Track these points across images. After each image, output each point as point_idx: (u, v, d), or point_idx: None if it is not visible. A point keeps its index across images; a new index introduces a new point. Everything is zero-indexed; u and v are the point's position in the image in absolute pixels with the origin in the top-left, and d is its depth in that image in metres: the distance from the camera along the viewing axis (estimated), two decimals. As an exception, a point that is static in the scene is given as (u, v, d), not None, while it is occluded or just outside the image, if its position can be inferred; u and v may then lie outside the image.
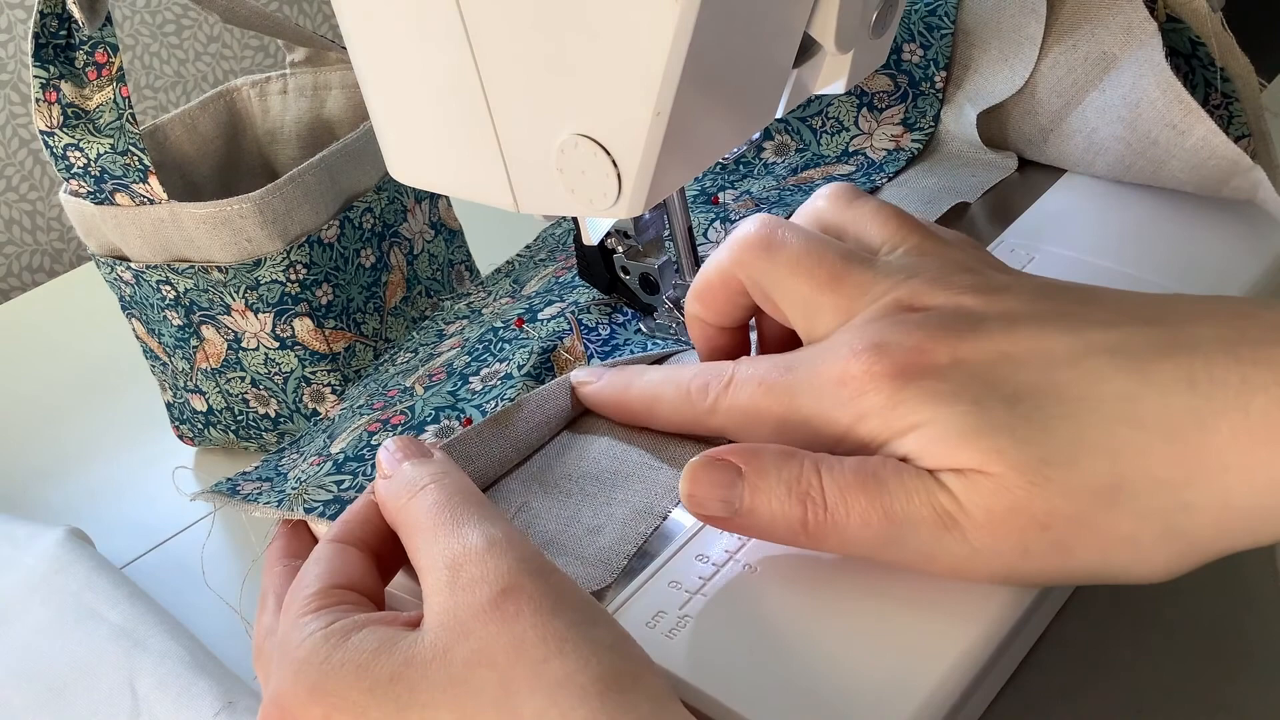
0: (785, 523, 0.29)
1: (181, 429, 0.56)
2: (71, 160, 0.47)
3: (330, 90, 0.59)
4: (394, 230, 0.54)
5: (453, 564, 0.28)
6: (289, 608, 0.30)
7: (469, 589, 0.27)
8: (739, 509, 0.30)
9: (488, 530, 0.28)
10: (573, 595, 0.27)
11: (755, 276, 0.34)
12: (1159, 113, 0.43)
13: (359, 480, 0.38)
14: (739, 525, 0.30)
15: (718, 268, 0.35)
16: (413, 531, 0.30)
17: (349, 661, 0.27)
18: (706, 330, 0.37)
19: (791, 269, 0.33)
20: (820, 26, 0.32)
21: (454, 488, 0.31)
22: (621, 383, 0.37)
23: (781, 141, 0.55)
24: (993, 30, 0.49)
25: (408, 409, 0.43)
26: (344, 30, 0.34)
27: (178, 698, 0.39)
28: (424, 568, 0.29)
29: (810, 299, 0.32)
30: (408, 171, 0.36)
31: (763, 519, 0.30)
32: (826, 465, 0.29)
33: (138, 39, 0.94)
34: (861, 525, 0.29)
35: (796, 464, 0.30)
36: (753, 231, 0.34)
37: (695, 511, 0.31)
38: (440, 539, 0.29)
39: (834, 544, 0.29)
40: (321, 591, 0.29)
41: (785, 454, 0.30)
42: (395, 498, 0.32)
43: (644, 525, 0.34)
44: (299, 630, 0.28)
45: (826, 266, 0.32)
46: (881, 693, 0.27)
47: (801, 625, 0.30)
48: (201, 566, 0.47)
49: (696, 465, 0.31)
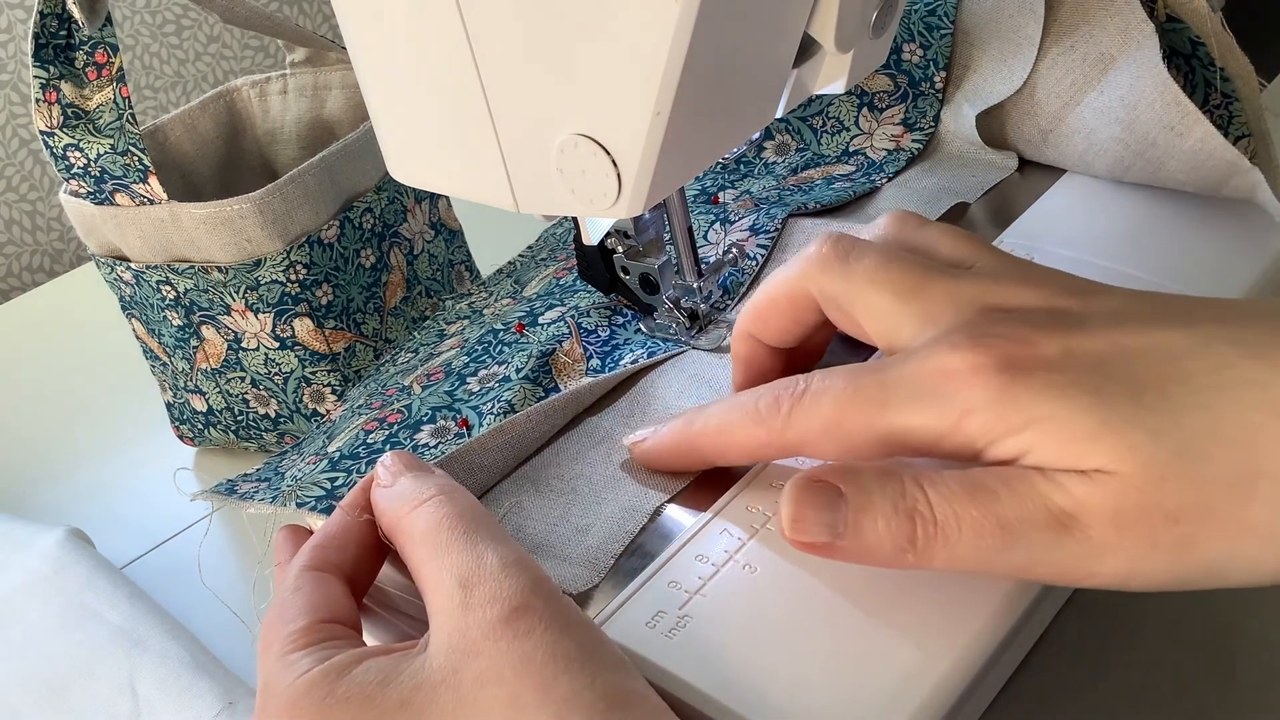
0: (893, 542, 0.28)
1: (181, 429, 0.56)
2: (71, 160, 0.47)
3: (330, 90, 0.59)
4: (394, 230, 0.54)
5: (466, 581, 0.27)
6: (272, 643, 0.29)
7: (482, 608, 0.27)
8: (843, 532, 0.28)
9: (502, 551, 0.28)
10: (579, 617, 0.27)
11: (831, 291, 0.32)
12: (1157, 114, 0.43)
13: (352, 477, 0.39)
14: (842, 550, 0.29)
15: (786, 283, 0.33)
16: (419, 543, 0.30)
17: (354, 695, 0.26)
18: (756, 351, 0.35)
19: (871, 279, 0.31)
20: (820, 26, 0.32)
21: (464, 505, 0.30)
22: (679, 426, 0.35)
23: (782, 141, 0.55)
24: (992, 30, 0.49)
25: (404, 408, 0.43)
26: (344, 30, 0.34)
27: (178, 698, 0.39)
28: (430, 581, 0.28)
29: (892, 309, 0.31)
30: (408, 171, 0.36)
31: (868, 541, 0.28)
32: (929, 480, 0.28)
33: (138, 39, 0.94)
34: (974, 537, 0.27)
35: (898, 481, 0.28)
36: (827, 247, 0.32)
37: (796, 539, 0.29)
38: (452, 554, 0.28)
39: (944, 560, 0.28)
40: (311, 627, 0.29)
41: (885, 471, 0.28)
42: (397, 507, 0.31)
43: (631, 524, 0.34)
44: (291, 668, 0.28)
45: (909, 276, 0.31)
46: (881, 693, 0.27)
47: (802, 625, 0.29)
48: (199, 565, 0.47)
49: (796, 489, 0.29)
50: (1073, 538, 0.26)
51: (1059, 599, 0.34)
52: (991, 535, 0.27)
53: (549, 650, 0.26)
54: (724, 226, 0.50)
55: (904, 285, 0.31)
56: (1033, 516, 0.26)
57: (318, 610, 0.30)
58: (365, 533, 0.33)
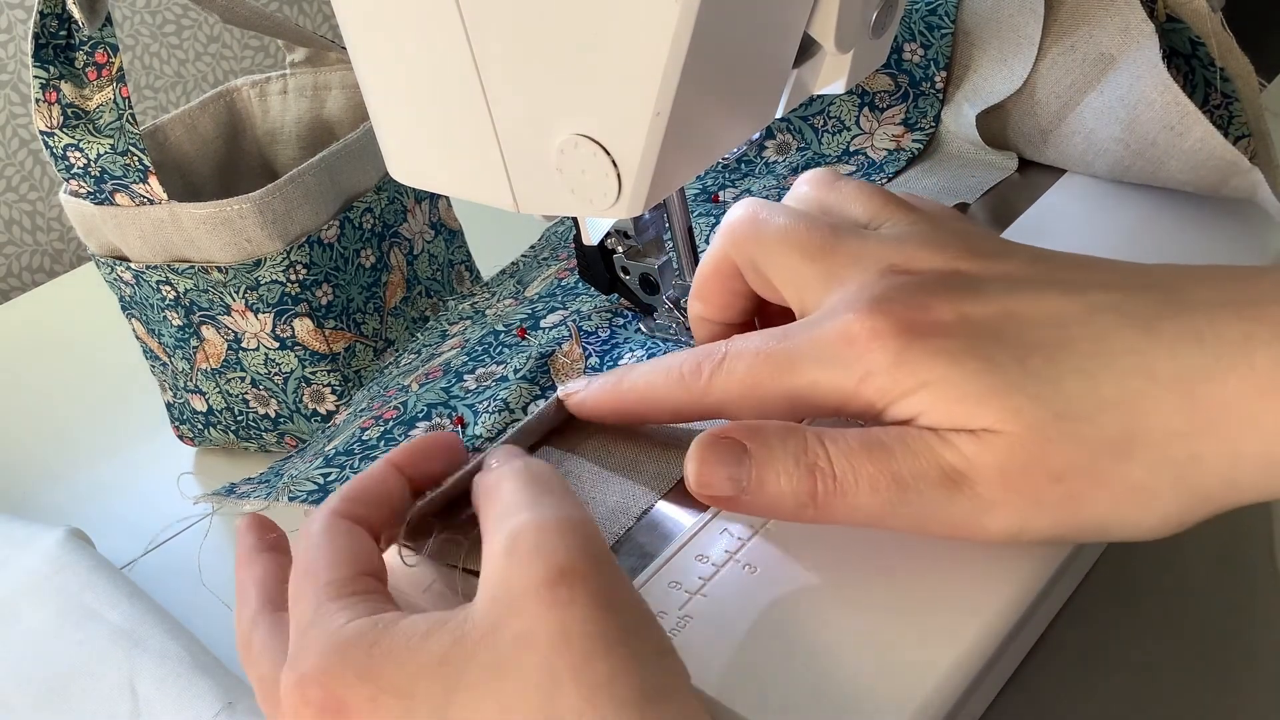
0: (794, 496, 0.29)
1: (181, 429, 0.56)
2: (71, 160, 0.47)
3: (330, 90, 0.59)
4: (394, 230, 0.54)
5: (514, 532, 0.27)
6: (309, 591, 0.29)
7: (524, 560, 0.26)
8: (746, 486, 0.30)
9: (562, 508, 0.28)
10: (627, 593, 0.27)
11: (748, 255, 0.34)
12: (1157, 114, 0.43)
13: (345, 473, 0.39)
14: (746, 504, 0.30)
15: (711, 256, 0.35)
16: (492, 498, 0.30)
17: (398, 646, 0.26)
18: (712, 330, 0.37)
19: (781, 241, 0.33)
20: (820, 26, 0.32)
21: (538, 468, 0.31)
22: (611, 382, 0.37)
23: (783, 140, 0.55)
24: (992, 30, 0.49)
25: (400, 404, 0.43)
26: (344, 30, 0.34)
27: (178, 698, 0.39)
28: (489, 532, 0.28)
29: (801, 270, 0.32)
30: (408, 171, 0.36)
31: (770, 494, 0.30)
32: (830, 437, 0.29)
33: (138, 39, 0.94)
34: (870, 491, 0.28)
35: (800, 437, 0.30)
36: (740, 213, 0.34)
37: (702, 493, 0.31)
38: (513, 507, 0.28)
39: (842, 514, 0.29)
40: (353, 578, 0.29)
41: (788, 428, 0.30)
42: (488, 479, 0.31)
43: (617, 525, 0.34)
44: (334, 615, 0.27)
45: (816, 237, 0.32)
46: (882, 693, 0.27)
47: (801, 625, 0.30)
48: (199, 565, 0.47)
49: (701, 444, 0.30)
50: (963, 494, 0.28)
51: (1059, 598, 0.34)
52: (886, 490, 0.28)
53: (588, 626, 0.25)
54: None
55: (811, 246, 0.32)
56: (926, 473, 0.28)
57: (355, 562, 0.29)
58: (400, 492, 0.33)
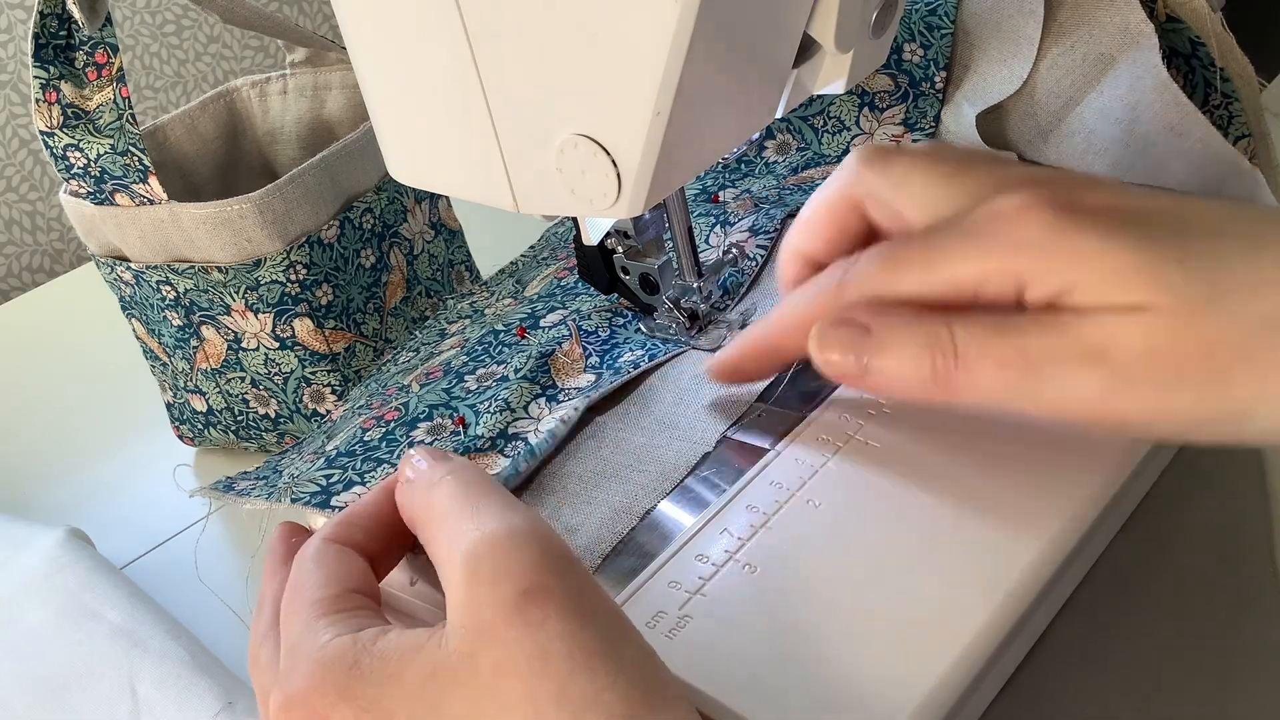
0: (916, 373, 0.29)
1: (181, 429, 0.56)
2: (71, 160, 0.47)
3: (330, 90, 0.59)
4: (394, 230, 0.54)
5: (470, 554, 0.27)
6: (298, 610, 0.29)
7: (489, 583, 0.26)
8: (868, 364, 0.30)
9: (508, 518, 0.27)
10: (600, 601, 0.26)
11: (875, 187, 0.33)
12: (1157, 115, 0.43)
13: (347, 474, 0.38)
14: (871, 382, 0.30)
15: (833, 190, 0.34)
16: (431, 524, 0.29)
17: (378, 668, 0.26)
18: (804, 272, 0.36)
19: (913, 166, 0.32)
20: (820, 26, 0.32)
21: (471, 477, 0.30)
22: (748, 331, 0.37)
23: (783, 140, 0.55)
24: (991, 31, 0.49)
25: (401, 405, 0.43)
26: (344, 30, 0.34)
27: (178, 698, 0.39)
28: (441, 560, 0.28)
29: (938, 190, 0.32)
30: (408, 171, 0.36)
31: (892, 371, 0.30)
32: (958, 317, 0.29)
33: (138, 39, 0.94)
34: (997, 368, 0.28)
35: (926, 318, 0.29)
36: (866, 150, 0.34)
37: (827, 369, 0.31)
38: (458, 528, 0.28)
39: (966, 391, 0.29)
40: (340, 595, 0.29)
41: (915, 311, 0.30)
42: (415, 496, 0.31)
43: (621, 525, 0.34)
44: (319, 633, 0.27)
45: (952, 159, 0.32)
46: (882, 692, 0.27)
47: (801, 625, 0.29)
48: (195, 564, 0.47)
49: (824, 325, 0.31)
50: (1101, 372, 0.27)
51: (1059, 599, 0.34)
52: (1015, 367, 0.28)
53: (566, 644, 0.25)
54: (724, 229, 0.50)
55: (948, 168, 0.32)
56: (1061, 350, 0.27)
57: (344, 581, 0.29)
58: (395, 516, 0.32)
